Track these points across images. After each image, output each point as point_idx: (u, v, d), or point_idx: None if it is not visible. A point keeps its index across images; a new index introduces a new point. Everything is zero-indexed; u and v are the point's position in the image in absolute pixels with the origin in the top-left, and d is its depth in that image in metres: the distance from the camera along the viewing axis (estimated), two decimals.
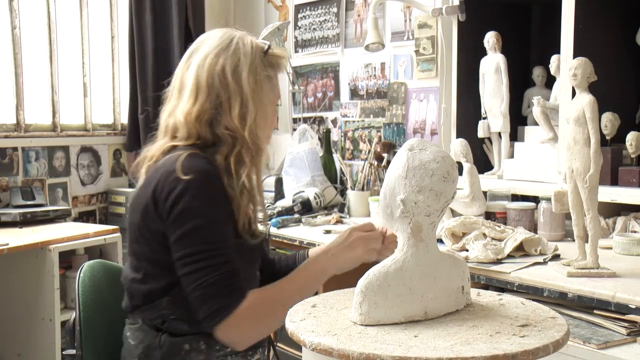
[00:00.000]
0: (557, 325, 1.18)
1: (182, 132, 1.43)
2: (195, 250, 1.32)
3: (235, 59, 1.43)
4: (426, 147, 1.23)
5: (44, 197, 3.19)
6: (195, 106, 1.42)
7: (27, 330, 2.67)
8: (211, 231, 1.34)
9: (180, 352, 1.39)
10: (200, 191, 1.34)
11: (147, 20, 3.54)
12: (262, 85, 1.46)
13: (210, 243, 1.33)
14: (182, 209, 1.33)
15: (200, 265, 1.31)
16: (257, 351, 1.50)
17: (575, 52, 2.17)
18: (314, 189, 3.03)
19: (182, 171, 1.34)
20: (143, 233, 1.40)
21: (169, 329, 1.40)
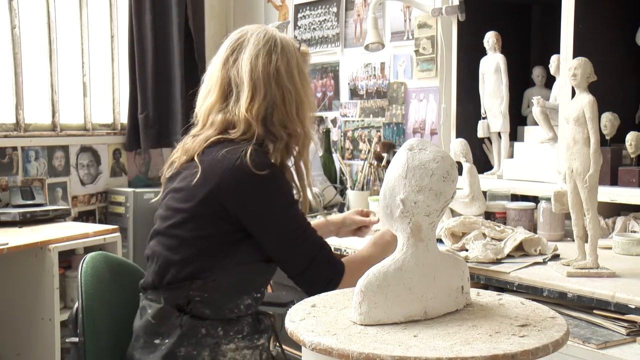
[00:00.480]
0: (556, 325, 1.18)
1: (241, 128, 1.51)
2: (290, 236, 1.49)
3: (285, 59, 1.54)
4: (426, 147, 1.23)
5: (44, 196, 3.19)
6: (254, 104, 1.50)
7: (26, 329, 2.67)
8: (297, 215, 1.52)
9: (197, 335, 1.47)
10: (278, 183, 1.49)
11: (146, 20, 3.54)
12: (309, 81, 1.60)
13: (300, 225, 1.51)
14: (267, 202, 1.47)
15: (300, 249, 1.49)
16: (263, 336, 1.58)
17: (575, 52, 2.17)
18: (313, 189, 3.03)
19: (254, 167, 1.44)
20: (192, 219, 1.47)
21: (192, 311, 1.48)
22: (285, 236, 1.49)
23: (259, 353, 1.56)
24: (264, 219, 1.47)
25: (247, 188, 1.45)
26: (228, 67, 1.54)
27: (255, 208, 1.46)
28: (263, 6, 3.85)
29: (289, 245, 1.49)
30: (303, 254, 1.50)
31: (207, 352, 1.48)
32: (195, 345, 1.47)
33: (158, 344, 1.47)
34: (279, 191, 1.48)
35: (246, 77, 1.51)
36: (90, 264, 1.62)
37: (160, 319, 1.48)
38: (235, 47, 1.54)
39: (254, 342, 1.55)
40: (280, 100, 1.52)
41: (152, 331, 1.49)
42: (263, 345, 1.57)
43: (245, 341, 1.52)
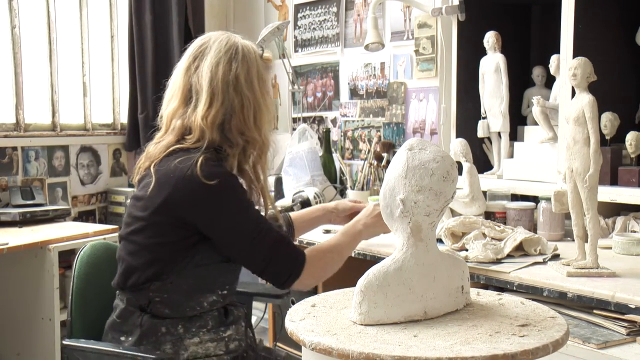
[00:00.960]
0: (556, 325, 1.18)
1: (195, 134, 1.55)
2: (246, 236, 1.52)
3: (245, 67, 1.57)
4: (426, 146, 1.23)
5: (44, 196, 3.19)
6: (211, 111, 1.54)
7: (26, 329, 2.67)
8: (251, 215, 1.54)
9: (157, 333, 1.54)
10: (227, 190, 1.51)
11: (146, 20, 3.54)
12: (269, 89, 1.63)
13: (255, 224, 1.54)
14: (219, 209, 1.50)
15: (257, 246, 1.52)
16: (230, 327, 1.63)
17: (575, 52, 2.17)
18: (313, 189, 3.03)
19: (204, 177, 1.47)
20: (149, 227, 1.53)
21: (152, 311, 1.55)
22: (241, 239, 1.53)
23: (225, 344, 1.60)
24: (219, 224, 1.52)
25: (199, 197, 1.49)
26: (190, 74, 1.58)
27: (210, 215, 1.50)
28: (263, 6, 3.85)
29: (246, 246, 1.53)
30: (261, 253, 1.53)
31: (169, 345, 1.54)
32: (155, 343, 1.54)
33: (123, 341, 1.56)
34: (230, 197, 1.52)
35: (205, 84, 1.55)
36: (89, 251, 1.75)
37: (123, 318, 1.57)
38: (197, 54, 1.59)
39: (219, 335, 1.59)
40: (239, 107, 1.56)
41: (117, 329, 1.58)
42: (230, 337, 1.61)
43: (210, 334, 1.58)
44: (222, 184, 1.49)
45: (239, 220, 1.53)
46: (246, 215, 1.54)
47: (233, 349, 1.62)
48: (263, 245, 1.53)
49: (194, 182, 1.48)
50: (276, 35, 3.28)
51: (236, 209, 1.53)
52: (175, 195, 1.49)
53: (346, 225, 1.76)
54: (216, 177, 1.49)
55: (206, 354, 1.57)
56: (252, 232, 1.53)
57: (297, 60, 3.67)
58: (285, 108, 3.77)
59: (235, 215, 1.52)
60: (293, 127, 3.64)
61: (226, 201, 1.51)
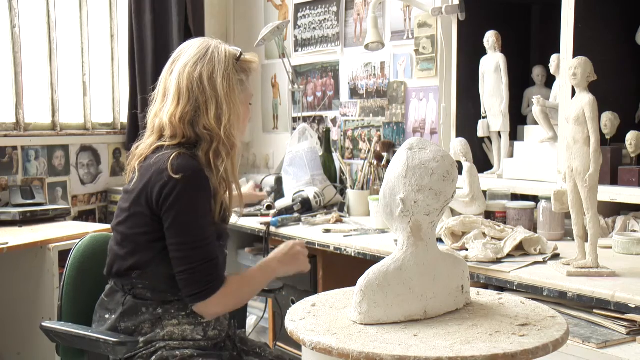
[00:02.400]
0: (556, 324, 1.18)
1: (168, 131, 1.66)
2: (184, 240, 1.58)
3: (211, 66, 1.65)
4: (426, 146, 1.23)
5: (44, 196, 3.19)
6: (178, 109, 1.64)
7: (27, 329, 2.67)
8: (197, 225, 1.60)
9: (137, 312, 1.64)
10: (189, 188, 1.58)
11: (146, 20, 3.54)
12: (235, 88, 1.67)
13: (196, 235, 1.59)
14: (174, 203, 1.57)
15: (188, 253, 1.58)
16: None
17: (575, 51, 2.18)
18: (313, 188, 3.03)
19: (172, 170, 1.57)
20: (130, 218, 1.64)
21: (134, 293, 1.65)
22: (180, 239, 1.58)
23: (202, 329, 1.67)
24: (171, 217, 1.58)
25: (164, 188, 1.57)
26: (167, 76, 1.70)
27: (168, 206, 1.57)
28: (263, 5, 3.85)
29: (181, 247, 1.58)
30: (188, 260, 1.58)
31: (147, 325, 1.63)
32: (134, 322, 1.64)
33: (107, 319, 1.67)
34: (188, 195, 1.58)
35: (174, 84, 1.66)
36: (87, 242, 1.86)
37: (109, 297, 1.69)
38: (176, 57, 1.71)
39: (198, 319, 1.66)
40: (203, 104, 1.64)
41: (103, 307, 1.70)
42: (209, 324, 1.68)
43: (189, 318, 1.65)
44: (185, 178, 1.56)
45: (188, 221, 1.58)
46: (195, 219, 1.59)
47: (212, 336, 1.69)
48: (194, 255, 1.58)
49: (163, 174, 1.57)
50: (276, 34, 3.28)
51: (189, 209, 1.59)
52: (148, 186, 1.60)
53: (263, 261, 1.78)
54: (182, 171, 1.56)
55: (182, 336, 1.64)
56: (193, 238, 1.58)
57: (297, 60, 3.67)
58: (285, 107, 3.77)
59: (188, 214, 1.58)
60: (293, 127, 3.64)
61: (183, 197, 1.57)
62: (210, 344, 1.69)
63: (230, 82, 1.66)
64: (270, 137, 3.90)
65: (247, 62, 1.72)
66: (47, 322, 1.69)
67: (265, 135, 3.93)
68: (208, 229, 1.62)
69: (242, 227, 2.88)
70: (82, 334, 1.60)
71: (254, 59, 1.74)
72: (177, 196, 1.56)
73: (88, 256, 1.83)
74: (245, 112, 1.74)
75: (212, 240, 1.62)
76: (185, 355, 1.60)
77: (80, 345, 1.62)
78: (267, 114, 3.90)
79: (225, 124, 1.65)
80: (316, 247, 2.49)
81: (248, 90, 1.75)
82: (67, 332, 1.63)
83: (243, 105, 1.72)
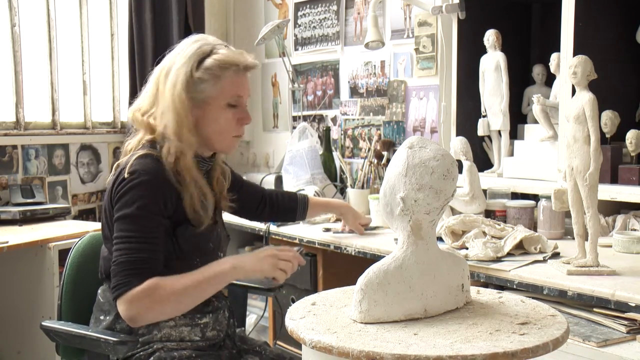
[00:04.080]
0: (556, 323, 1.18)
1: (137, 127, 1.65)
2: (120, 234, 1.51)
3: (169, 61, 1.63)
4: (426, 145, 1.23)
5: (44, 195, 3.19)
6: (143, 103, 1.64)
7: (27, 328, 2.67)
8: (135, 220, 1.51)
9: None
10: (136, 186, 1.52)
11: (146, 18, 3.54)
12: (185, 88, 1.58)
13: (131, 230, 1.51)
14: (120, 199, 1.53)
15: (121, 246, 1.50)
16: (207, 316, 1.67)
17: (575, 50, 2.17)
18: (313, 187, 3.03)
19: (129, 169, 1.54)
20: (106, 217, 1.60)
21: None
22: (119, 231, 1.51)
23: (200, 330, 1.64)
24: (116, 211, 1.53)
25: (117, 187, 1.55)
26: (153, 74, 1.68)
27: (116, 202, 1.54)
28: (263, 4, 3.85)
29: (116, 239, 1.51)
30: (117, 251, 1.50)
31: (144, 325, 1.58)
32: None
33: (102, 320, 1.64)
34: (133, 192, 1.52)
35: (152, 84, 1.65)
36: (87, 240, 1.86)
37: (104, 298, 1.66)
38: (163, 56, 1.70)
39: (195, 321, 1.63)
40: (157, 102, 1.61)
41: (99, 308, 1.67)
42: (206, 324, 1.65)
43: (185, 319, 1.62)
44: (137, 177, 1.52)
45: (126, 215, 1.51)
46: (134, 215, 1.50)
47: (210, 337, 1.66)
48: (124, 249, 1.49)
49: (122, 173, 1.55)
50: (276, 33, 3.28)
51: (130, 204, 1.51)
52: (112, 184, 1.57)
53: (211, 264, 1.58)
54: (134, 172, 1.53)
55: (180, 337, 1.61)
56: (127, 233, 1.50)
57: (297, 59, 3.67)
58: (285, 106, 3.77)
59: (128, 208, 1.51)
60: (293, 126, 3.64)
61: (128, 193, 1.52)
62: (209, 344, 1.66)
63: (182, 78, 1.58)
64: (271, 136, 3.90)
65: (217, 60, 1.60)
66: (47, 321, 1.67)
67: (265, 134, 3.93)
68: (147, 228, 1.51)
69: (242, 226, 2.88)
70: (82, 333, 1.59)
71: (227, 57, 1.61)
72: (124, 193, 1.52)
73: (88, 255, 1.82)
74: (219, 113, 1.61)
75: (151, 239, 1.51)
76: (183, 356, 1.58)
77: (81, 344, 1.60)
78: (267, 113, 3.90)
79: (170, 124, 1.57)
80: (316, 246, 2.49)
81: (224, 91, 1.61)
82: (67, 332, 1.62)
83: (220, 109, 1.61)
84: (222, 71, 1.60)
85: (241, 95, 1.64)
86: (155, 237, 1.52)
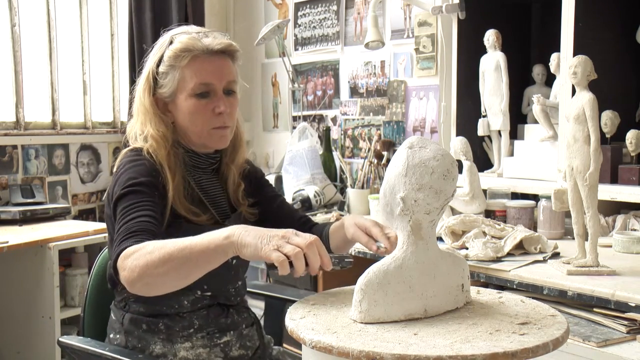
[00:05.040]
0: (556, 323, 1.18)
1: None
2: (119, 212, 1.38)
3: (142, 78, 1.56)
4: (426, 145, 1.22)
5: (44, 195, 3.19)
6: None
7: (26, 328, 2.67)
8: (129, 197, 1.39)
9: (138, 329, 1.50)
10: (124, 172, 1.44)
11: (146, 19, 3.54)
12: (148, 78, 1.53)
13: (128, 205, 1.37)
14: (114, 189, 1.44)
15: (120, 222, 1.35)
16: (227, 334, 1.54)
17: (575, 50, 2.17)
18: (313, 187, 3.03)
19: (116, 165, 1.51)
20: (108, 220, 1.49)
21: (129, 310, 1.52)
22: (119, 213, 1.38)
23: (221, 350, 1.52)
24: (114, 201, 1.42)
25: (111, 185, 1.48)
26: None
27: (112, 196, 1.44)
28: (263, 4, 3.85)
29: (117, 222, 1.37)
30: (116, 228, 1.36)
31: (158, 346, 1.49)
32: (140, 340, 1.50)
33: (112, 339, 1.55)
34: (122, 178, 1.43)
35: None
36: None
37: (115, 315, 1.57)
38: None
39: (214, 341, 1.52)
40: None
41: (110, 326, 1.58)
42: (228, 343, 1.53)
43: (203, 340, 1.50)
44: (119, 169, 1.47)
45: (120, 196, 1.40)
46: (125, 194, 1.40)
47: (237, 357, 1.54)
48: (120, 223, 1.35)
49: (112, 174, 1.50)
50: (276, 33, 3.28)
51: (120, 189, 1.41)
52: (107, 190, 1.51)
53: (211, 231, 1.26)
54: (121, 164, 1.48)
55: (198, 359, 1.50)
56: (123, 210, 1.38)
57: (297, 59, 3.67)
58: (285, 106, 3.77)
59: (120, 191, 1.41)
60: (293, 126, 3.64)
61: (117, 183, 1.44)
62: None
63: (146, 81, 1.53)
64: (271, 136, 3.90)
65: (172, 50, 1.49)
66: (64, 337, 1.56)
67: (265, 134, 3.93)
68: (144, 198, 1.39)
69: None
70: (98, 352, 1.46)
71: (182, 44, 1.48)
72: (115, 181, 1.45)
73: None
74: (186, 105, 1.49)
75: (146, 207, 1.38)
76: None
77: None
78: (267, 113, 3.90)
79: (138, 125, 1.53)
80: None
81: (185, 81, 1.48)
82: (84, 349, 1.50)
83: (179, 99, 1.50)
84: (178, 60, 1.48)
85: (208, 82, 1.49)
86: (151, 205, 1.39)
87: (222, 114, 1.50)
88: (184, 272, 1.21)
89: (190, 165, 1.56)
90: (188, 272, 1.22)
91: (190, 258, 1.20)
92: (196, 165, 1.58)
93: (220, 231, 1.21)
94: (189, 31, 1.53)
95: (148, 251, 1.21)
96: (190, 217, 1.49)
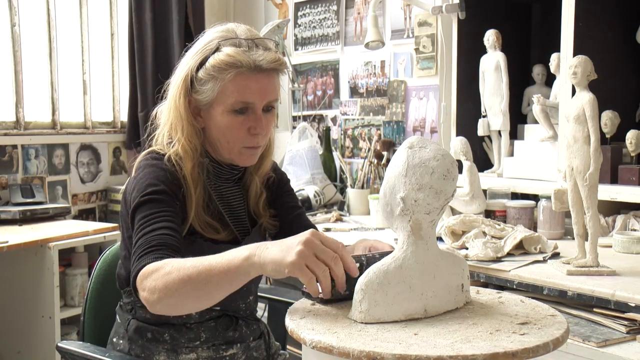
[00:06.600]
0: (556, 323, 1.18)
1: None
2: (138, 223, 1.32)
3: (177, 75, 1.43)
4: (426, 145, 1.22)
5: (44, 194, 3.19)
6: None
7: (26, 327, 2.67)
8: (148, 207, 1.33)
9: (143, 338, 1.46)
10: (142, 179, 1.38)
11: (146, 18, 3.54)
12: (183, 88, 1.40)
13: (147, 215, 1.32)
14: (132, 194, 1.37)
15: (138, 234, 1.30)
16: (233, 346, 1.51)
17: (575, 50, 2.17)
18: (313, 187, 3.03)
19: (135, 168, 1.43)
20: (123, 220, 1.44)
21: (136, 316, 1.48)
22: (137, 223, 1.33)
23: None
24: (132, 208, 1.36)
25: (127, 188, 1.42)
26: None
27: (130, 202, 1.38)
28: (263, 4, 3.85)
29: (135, 233, 1.33)
30: (134, 240, 1.31)
31: (162, 357, 1.45)
32: (144, 349, 1.46)
33: (115, 343, 1.51)
34: (139, 185, 1.37)
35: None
36: (116, 250, 1.69)
37: (121, 319, 1.52)
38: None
39: (220, 353, 1.48)
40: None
41: (115, 330, 1.54)
42: (234, 356, 1.50)
43: (209, 351, 1.47)
44: (138, 174, 1.40)
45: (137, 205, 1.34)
46: (144, 203, 1.34)
47: None
48: (139, 234, 1.30)
49: (131, 175, 1.44)
50: (276, 33, 3.28)
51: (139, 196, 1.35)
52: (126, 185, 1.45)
53: (230, 250, 1.19)
54: (139, 168, 1.41)
55: None
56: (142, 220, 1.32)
57: (297, 59, 3.67)
58: (285, 106, 3.77)
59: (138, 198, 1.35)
60: (293, 126, 3.64)
61: (135, 190, 1.37)
62: None
63: (182, 81, 1.40)
64: None
65: (217, 60, 1.37)
66: (63, 342, 1.53)
67: None
68: (163, 208, 1.34)
69: None
70: (98, 358, 1.43)
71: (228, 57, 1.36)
72: (133, 187, 1.37)
73: (115, 267, 1.60)
74: (221, 119, 1.40)
75: (166, 218, 1.32)
76: None
77: None
78: None
79: (166, 127, 1.44)
80: None
81: (225, 95, 1.38)
82: (83, 355, 1.47)
83: (215, 111, 1.40)
84: (221, 73, 1.36)
85: (250, 101, 1.38)
86: (171, 215, 1.33)
87: (257, 134, 1.42)
88: (204, 294, 1.17)
89: (212, 174, 1.49)
90: (208, 294, 1.17)
91: (210, 280, 1.15)
92: (218, 174, 1.50)
93: (240, 251, 1.15)
94: (237, 35, 1.40)
95: (166, 271, 1.17)
96: (207, 233, 1.43)
